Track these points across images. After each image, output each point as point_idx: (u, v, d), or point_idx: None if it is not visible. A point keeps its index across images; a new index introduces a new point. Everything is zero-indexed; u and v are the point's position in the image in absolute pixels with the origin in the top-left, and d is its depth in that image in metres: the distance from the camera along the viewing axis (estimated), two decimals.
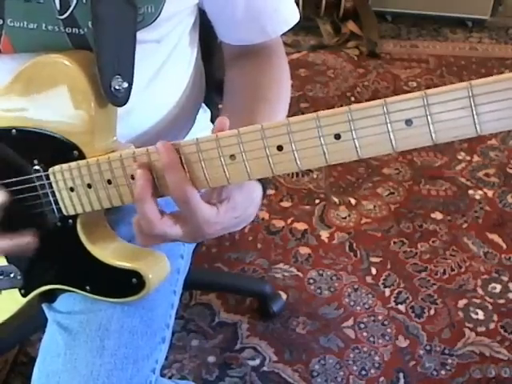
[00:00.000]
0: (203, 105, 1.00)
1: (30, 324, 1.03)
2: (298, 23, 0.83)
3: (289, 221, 1.70)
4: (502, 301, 1.47)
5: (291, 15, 0.82)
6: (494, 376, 1.30)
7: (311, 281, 1.52)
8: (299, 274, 1.54)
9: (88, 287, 0.72)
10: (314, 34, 2.58)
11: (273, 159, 0.56)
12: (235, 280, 1.55)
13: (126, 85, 0.66)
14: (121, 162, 0.63)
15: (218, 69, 1.05)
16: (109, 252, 0.71)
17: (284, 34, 0.83)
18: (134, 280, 0.68)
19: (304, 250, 1.61)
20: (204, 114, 1.01)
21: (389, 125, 0.50)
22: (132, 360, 0.74)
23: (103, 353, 0.73)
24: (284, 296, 1.47)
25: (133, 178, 0.62)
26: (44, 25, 0.68)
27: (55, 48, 0.68)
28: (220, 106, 1.18)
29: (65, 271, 0.74)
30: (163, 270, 0.71)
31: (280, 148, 0.55)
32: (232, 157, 0.57)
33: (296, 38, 2.56)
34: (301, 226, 1.68)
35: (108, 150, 0.66)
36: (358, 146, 0.52)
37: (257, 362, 1.34)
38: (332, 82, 2.30)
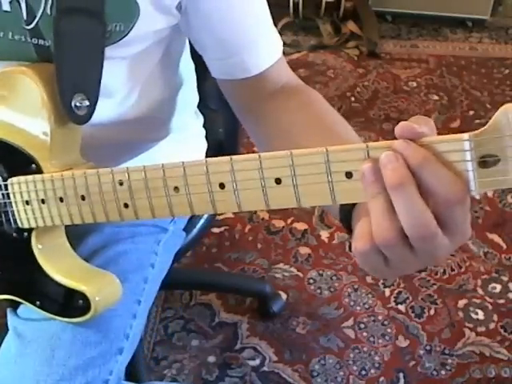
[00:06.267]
0: (196, 111, 0.98)
1: None
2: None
3: (289, 221, 1.70)
4: (502, 301, 1.47)
5: (274, 49, 0.75)
6: (493, 376, 1.30)
7: (311, 281, 1.52)
8: (299, 274, 1.54)
9: (38, 302, 0.71)
10: (313, 34, 2.57)
11: (214, 196, 0.53)
12: (235, 280, 1.55)
13: (87, 103, 0.64)
14: (73, 180, 0.61)
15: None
16: (60, 269, 0.69)
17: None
18: (80, 302, 0.67)
19: (304, 250, 1.61)
20: (196, 119, 0.99)
21: (329, 175, 0.47)
22: (81, 371, 0.72)
23: (52, 362, 0.71)
24: (284, 296, 1.47)
25: (83, 198, 0.60)
26: (11, 34, 0.66)
27: (22, 58, 0.67)
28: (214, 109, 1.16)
29: (17, 283, 0.73)
30: (113, 294, 0.70)
31: (222, 186, 0.52)
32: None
33: (296, 38, 2.55)
34: (301, 226, 1.68)
35: (66, 167, 0.65)
36: (298, 192, 0.49)
37: (257, 362, 1.34)
38: (332, 82, 2.30)
